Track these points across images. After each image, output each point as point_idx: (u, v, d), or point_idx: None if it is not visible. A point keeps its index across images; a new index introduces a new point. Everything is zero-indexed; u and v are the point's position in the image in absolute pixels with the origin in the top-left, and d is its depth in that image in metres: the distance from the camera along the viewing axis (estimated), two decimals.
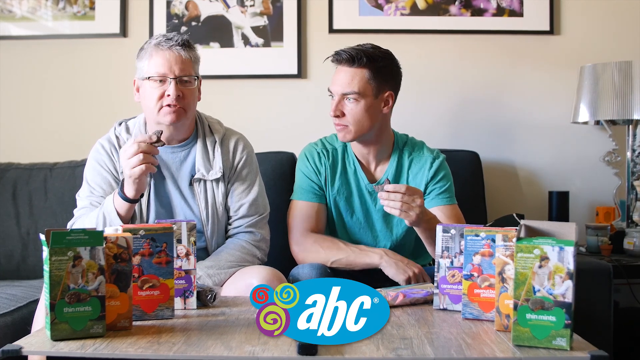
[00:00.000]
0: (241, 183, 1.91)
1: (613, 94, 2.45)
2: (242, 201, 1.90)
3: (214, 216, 1.86)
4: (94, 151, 1.91)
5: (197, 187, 1.86)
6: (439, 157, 2.03)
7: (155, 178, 1.87)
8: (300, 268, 1.86)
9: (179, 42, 1.78)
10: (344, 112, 1.91)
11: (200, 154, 1.88)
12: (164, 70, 1.77)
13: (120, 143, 1.88)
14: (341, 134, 1.94)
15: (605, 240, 2.44)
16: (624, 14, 2.72)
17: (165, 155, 1.88)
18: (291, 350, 1.14)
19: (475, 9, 2.71)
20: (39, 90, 2.77)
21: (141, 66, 1.82)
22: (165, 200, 1.87)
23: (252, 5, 2.73)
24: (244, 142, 1.96)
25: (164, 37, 1.80)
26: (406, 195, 1.70)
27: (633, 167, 2.57)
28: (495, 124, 2.74)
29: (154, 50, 1.79)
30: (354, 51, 1.90)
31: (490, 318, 1.35)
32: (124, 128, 1.92)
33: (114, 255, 1.26)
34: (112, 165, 1.87)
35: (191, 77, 1.81)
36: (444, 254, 1.47)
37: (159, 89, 1.78)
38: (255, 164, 1.97)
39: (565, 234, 1.22)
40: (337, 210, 2.01)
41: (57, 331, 1.19)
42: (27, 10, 2.75)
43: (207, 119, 1.96)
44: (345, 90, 1.90)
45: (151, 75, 1.77)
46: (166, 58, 1.77)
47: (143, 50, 1.83)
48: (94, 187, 1.85)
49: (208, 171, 1.87)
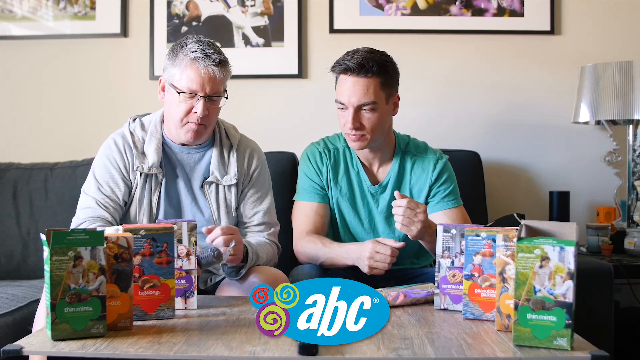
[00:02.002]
0: (256, 191, 1.91)
1: (614, 94, 2.45)
2: (257, 209, 1.90)
3: (226, 219, 1.86)
4: (105, 146, 1.87)
5: (208, 189, 1.86)
6: (442, 159, 2.01)
7: (168, 177, 1.86)
8: (300, 268, 1.86)
9: (216, 61, 1.74)
10: (362, 122, 1.87)
11: (216, 158, 1.87)
12: (195, 88, 1.74)
13: (134, 140, 1.85)
14: (357, 143, 1.91)
15: (606, 240, 2.43)
16: (624, 14, 2.72)
17: (181, 155, 1.87)
18: (292, 350, 1.14)
19: (476, 9, 2.71)
20: (39, 90, 2.77)
21: (173, 72, 1.78)
22: (174, 200, 1.86)
23: (253, 5, 2.73)
24: (258, 152, 1.96)
25: (202, 53, 1.74)
26: (408, 209, 1.70)
27: (634, 167, 2.57)
28: (496, 124, 2.74)
29: (190, 64, 1.74)
30: (363, 60, 1.83)
31: (491, 318, 1.35)
32: (138, 124, 1.89)
33: (115, 255, 1.26)
34: (123, 163, 1.83)
35: (220, 95, 1.80)
36: (444, 253, 1.47)
37: (186, 103, 1.76)
38: (269, 175, 1.98)
39: (566, 234, 1.22)
40: (339, 211, 2.01)
41: (58, 331, 1.19)
42: (27, 10, 2.75)
43: (223, 124, 1.95)
44: (363, 101, 1.84)
45: (182, 91, 1.75)
46: (200, 76, 1.73)
47: (178, 56, 1.77)
48: (102, 184, 1.82)
49: (222, 176, 1.86)
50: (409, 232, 1.72)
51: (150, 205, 1.82)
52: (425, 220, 1.72)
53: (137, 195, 1.82)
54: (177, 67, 1.76)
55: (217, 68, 1.75)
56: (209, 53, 1.74)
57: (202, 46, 1.75)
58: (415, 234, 1.72)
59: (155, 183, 1.83)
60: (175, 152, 1.87)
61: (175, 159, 1.87)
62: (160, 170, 1.84)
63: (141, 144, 1.85)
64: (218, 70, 1.75)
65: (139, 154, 1.83)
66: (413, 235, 1.73)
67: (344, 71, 1.87)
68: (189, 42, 1.77)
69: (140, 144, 1.85)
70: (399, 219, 1.71)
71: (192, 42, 1.77)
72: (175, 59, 1.78)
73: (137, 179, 1.82)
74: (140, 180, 1.82)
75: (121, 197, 1.81)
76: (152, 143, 1.85)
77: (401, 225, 1.71)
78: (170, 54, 1.80)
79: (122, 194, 1.81)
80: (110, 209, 1.80)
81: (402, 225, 1.71)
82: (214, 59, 1.74)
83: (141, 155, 1.83)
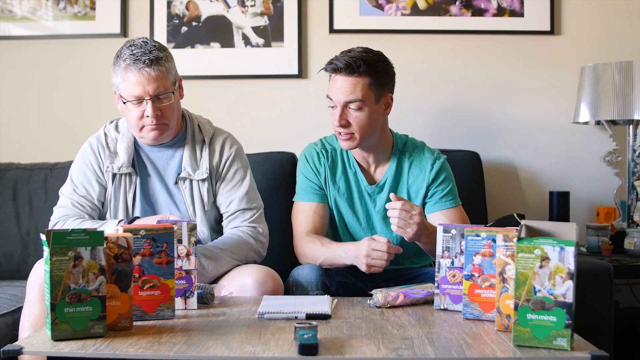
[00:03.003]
0: (229, 181, 1.92)
1: (614, 94, 2.45)
2: (232, 197, 1.91)
3: (202, 213, 1.88)
4: (82, 149, 1.94)
5: (182, 185, 1.88)
6: (439, 159, 2.01)
7: (141, 176, 1.89)
8: (300, 269, 1.85)
9: (147, 62, 1.73)
10: (349, 120, 1.88)
11: (188, 154, 1.89)
12: (138, 93, 1.75)
13: (108, 140, 1.91)
14: (346, 143, 1.92)
15: (606, 241, 2.43)
16: (624, 14, 2.72)
17: (152, 154, 1.90)
18: (292, 351, 1.14)
19: (476, 9, 2.71)
20: (39, 90, 2.77)
21: (116, 83, 1.80)
22: (151, 198, 1.90)
23: (253, 5, 2.72)
24: (231, 140, 1.96)
25: (132, 58, 1.73)
26: (403, 212, 1.70)
27: (634, 167, 2.57)
28: (495, 124, 2.74)
29: (125, 72, 1.75)
30: (351, 59, 1.84)
31: (490, 318, 1.35)
32: (113, 126, 1.94)
33: (115, 256, 1.26)
34: (97, 164, 1.89)
35: (167, 92, 1.78)
36: (444, 254, 1.47)
37: (137, 109, 1.78)
38: (245, 160, 1.98)
39: (565, 234, 1.22)
40: (338, 211, 2.01)
41: (58, 331, 1.19)
42: (27, 11, 2.75)
43: (196, 119, 1.96)
44: (349, 98, 1.86)
45: (128, 100, 1.77)
46: (138, 80, 1.73)
47: (115, 66, 1.78)
48: (77, 185, 1.88)
49: (194, 171, 1.88)
50: (405, 234, 1.72)
51: (126, 204, 1.86)
52: (421, 222, 1.72)
53: (112, 194, 1.86)
54: (118, 77, 1.79)
55: (151, 68, 1.73)
56: (139, 55, 1.73)
57: (132, 50, 1.75)
58: (412, 236, 1.72)
59: (129, 182, 1.87)
60: (146, 151, 1.91)
61: (147, 158, 1.90)
62: (132, 170, 1.87)
63: (114, 144, 1.90)
64: (153, 70, 1.74)
65: (111, 154, 1.88)
66: (409, 237, 1.72)
67: (333, 70, 1.89)
68: (123, 49, 1.78)
69: (113, 144, 1.90)
70: (395, 221, 1.71)
71: (124, 49, 1.78)
72: (115, 69, 1.80)
73: (110, 179, 1.86)
74: (115, 180, 1.86)
75: (96, 197, 1.87)
76: (123, 142, 1.89)
77: (397, 227, 1.71)
78: (112, 65, 1.81)
79: (97, 194, 1.87)
80: (87, 208, 1.86)
81: (397, 227, 1.71)
82: (144, 60, 1.73)
83: (113, 154, 1.88)
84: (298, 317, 1.37)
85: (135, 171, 1.88)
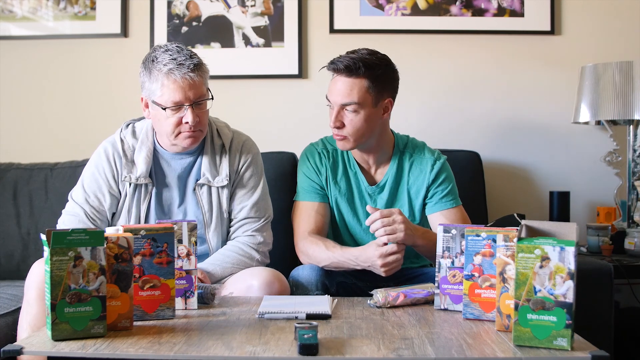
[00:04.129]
0: (244, 186, 1.90)
1: (614, 94, 2.45)
2: (244, 204, 1.89)
3: (217, 221, 1.86)
4: (96, 154, 1.88)
5: (200, 191, 1.85)
6: (440, 159, 2.01)
7: (158, 184, 1.86)
8: (300, 269, 1.85)
9: (191, 67, 1.71)
10: (344, 122, 1.88)
11: (207, 160, 1.86)
12: (179, 99, 1.71)
13: (124, 147, 1.85)
14: (340, 143, 1.92)
15: (606, 241, 2.43)
16: (624, 14, 2.72)
17: (173, 162, 1.87)
18: (292, 351, 1.14)
19: (476, 9, 2.71)
20: (39, 90, 2.77)
21: (152, 89, 1.74)
22: (165, 207, 1.87)
23: (253, 5, 2.72)
24: (249, 145, 1.94)
25: (175, 63, 1.70)
26: (384, 219, 1.70)
27: (634, 167, 2.57)
28: (496, 124, 2.74)
29: (166, 78, 1.71)
30: (351, 60, 1.84)
31: (491, 318, 1.35)
32: (130, 131, 1.88)
33: (115, 256, 1.26)
34: (112, 173, 1.83)
35: (206, 98, 1.77)
36: (445, 254, 1.47)
37: (175, 116, 1.74)
38: (260, 166, 1.96)
39: (566, 234, 1.22)
40: (339, 211, 2.01)
41: (58, 331, 1.19)
42: (27, 11, 2.75)
43: (214, 123, 1.93)
44: (345, 101, 1.85)
45: (168, 106, 1.72)
46: (180, 86, 1.70)
47: (152, 72, 1.73)
48: (89, 194, 1.83)
49: (214, 177, 1.86)
50: (398, 238, 1.72)
51: (139, 214, 1.82)
52: (405, 220, 1.72)
53: (126, 205, 1.83)
54: (155, 83, 1.73)
55: (194, 73, 1.72)
56: (182, 61, 1.71)
57: (172, 55, 1.72)
58: (404, 237, 1.72)
59: (145, 192, 1.83)
60: (166, 159, 1.87)
61: (166, 166, 1.86)
62: (150, 180, 1.83)
63: (131, 152, 1.85)
64: (195, 75, 1.72)
65: (128, 163, 1.83)
66: (402, 238, 1.72)
67: (333, 70, 1.88)
68: (159, 55, 1.74)
69: (130, 152, 1.85)
70: (381, 232, 1.71)
71: (161, 54, 1.73)
72: (150, 76, 1.74)
73: (127, 189, 1.82)
74: (130, 190, 1.82)
75: (107, 208, 1.83)
76: (142, 152, 1.84)
77: (387, 236, 1.71)
78: (144, 70, 1.77)
79: (109, 205, 1.83)
80: (97, 222, 1.82)
81: (388, 235, 1.71)
82: (188, 65, 1.71)
83: (130, 164, 1.84)
84: (298, 317, 1.37)
85: (152, 181, 1.84)
